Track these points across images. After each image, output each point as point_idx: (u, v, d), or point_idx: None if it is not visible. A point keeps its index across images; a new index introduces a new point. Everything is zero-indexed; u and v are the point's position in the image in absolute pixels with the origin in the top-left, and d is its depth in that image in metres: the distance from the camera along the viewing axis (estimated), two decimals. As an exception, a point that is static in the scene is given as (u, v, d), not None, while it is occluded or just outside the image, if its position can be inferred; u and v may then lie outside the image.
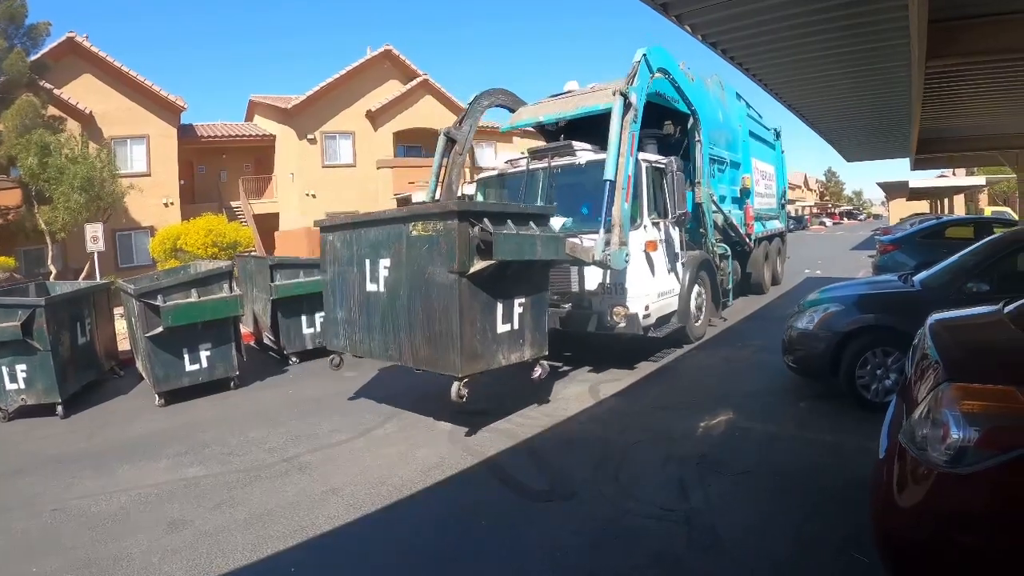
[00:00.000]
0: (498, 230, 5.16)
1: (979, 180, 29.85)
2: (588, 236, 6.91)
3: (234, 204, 25.99)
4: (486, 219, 5.17)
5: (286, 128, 25.98)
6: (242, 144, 27.14)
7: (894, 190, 37.26)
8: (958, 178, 33.68)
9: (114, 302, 9.24)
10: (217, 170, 27.26)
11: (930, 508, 2.36)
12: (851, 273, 14.99)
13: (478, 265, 5.15)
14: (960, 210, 35.44)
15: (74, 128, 19.68)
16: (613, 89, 7.20)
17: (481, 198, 8.96)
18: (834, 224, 69.77)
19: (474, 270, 5.14)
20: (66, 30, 21.11)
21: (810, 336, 5.95)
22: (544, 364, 6.13)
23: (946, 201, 36.96)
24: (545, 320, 6.17)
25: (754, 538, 3.61)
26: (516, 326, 5.72)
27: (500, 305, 5.52)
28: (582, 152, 8.07)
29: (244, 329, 9.44)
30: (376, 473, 4.85)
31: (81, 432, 6.52)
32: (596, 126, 8.03)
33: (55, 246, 18.27)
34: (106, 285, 9.21)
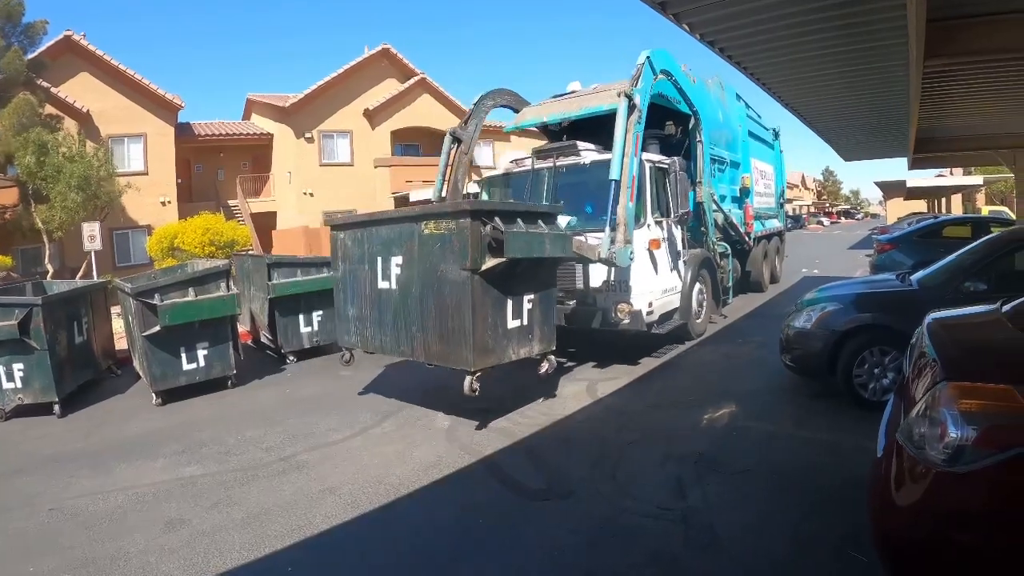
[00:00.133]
0: (509, 228, 5.27)
1: (976, 180, 29.92)
2: (593, 234, 6.98)
3: (231, 203, 25.96)
4: (497, 218, 5.28)
5: (283, 127, 25.94)
6: (239, 143, 27.09)
7: (891, 189, 37.33)
8: (955, 178, 33.75)
9: (111, 301, 9.23)
10: (214, 169, 27.21)
11: (928, 507, 2.36)
12: (848, 272, 15.01)
13: (490, 262, 5.26)
14: (957, 209, 35.52)
15: (71, 127, 19.62)
16: (618, 91, 7.27)
17: (486, 197, 9.04)
18: (831, 223, 69.89)
19: (486, 267, 5.25)
20: (63, 28, 21.11)
21: (808, 335, 5.95)
22: (551, 359, 6.25)
23: (943, 200, 37.05)
24: (553, 316, 6.30)
25: (752, 537, 3.61)
26: (525, 321, 5.84)
27: (510, 301, 5.64)
28: (586, 152, 8.16)
29: (241, 328, 9.44)
30: (374, 472, 4.85)
31: (78, 431, 6.50)
32: (599, 126, 8.13)
33: (52, 245, 18.22)
34: (103, 284, 9.19)
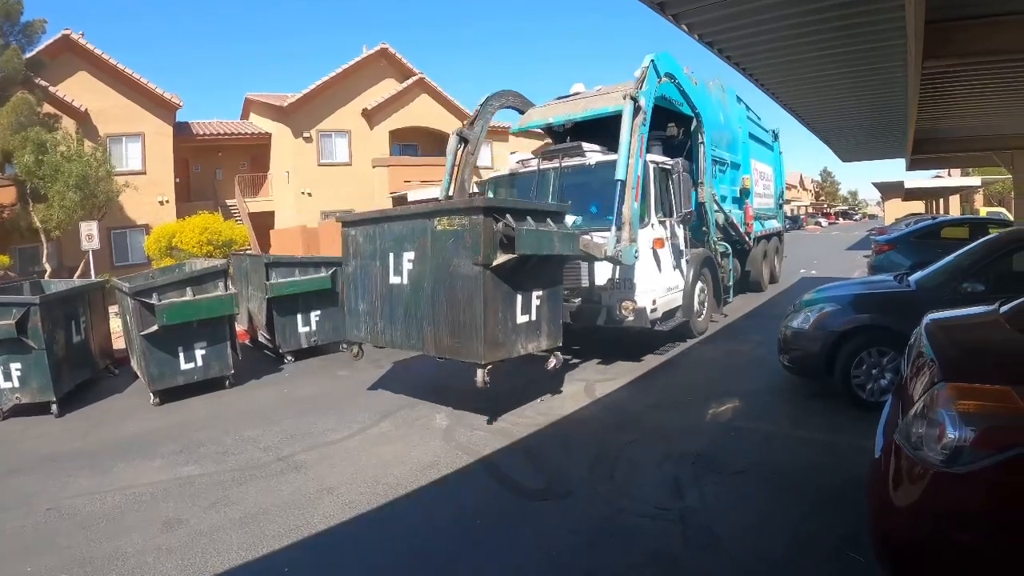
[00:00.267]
0: (520, 225, 5.41)
1: (974, 181, 29.98)
2: (598, 233, 7.10)
3: (229, 202, 25.90)
4: (508, 215, 5.44)
5: (282, 126, 25.91)
6: (238, 142, 27.03)
7: (890, 190, 37.40)
8: (953, 179, 33.84)
9: (109, 300, 9.22)
10: (213, 168, 27.15)
11: (927, 507, 2.36)
12: (847, 273, 15.02)
13: (501, 258, 5.39)
14: (955, 210, 35.57)
15: (69, 126, 19.56)
16: (622, 93, 7.42)
17: (492, 196, 9.16)
18: (829, 224, 69.90)
19: (497, 263, 5.38)
20: (62, 27, 21.07)
21: (806, 336, 5.95)
22: (558, 355, 6.37)
23: (941, 201, 37.12)
24: (560, 312, 6.45)
25: (751, 537, 3.60)
26: (534, 317, 5.99)
27: (520, 297, 5.79)
28: (591, 153, 8.32)
29: (239, 328, 9.43)
30: (371, 472, 4.84)
31: (76, 431, 6.49)
32: (603, 127, 8.33)
33: (50, 244, 18.17)
34: (101, 283, 9.18)
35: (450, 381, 7.34)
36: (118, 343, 9.32)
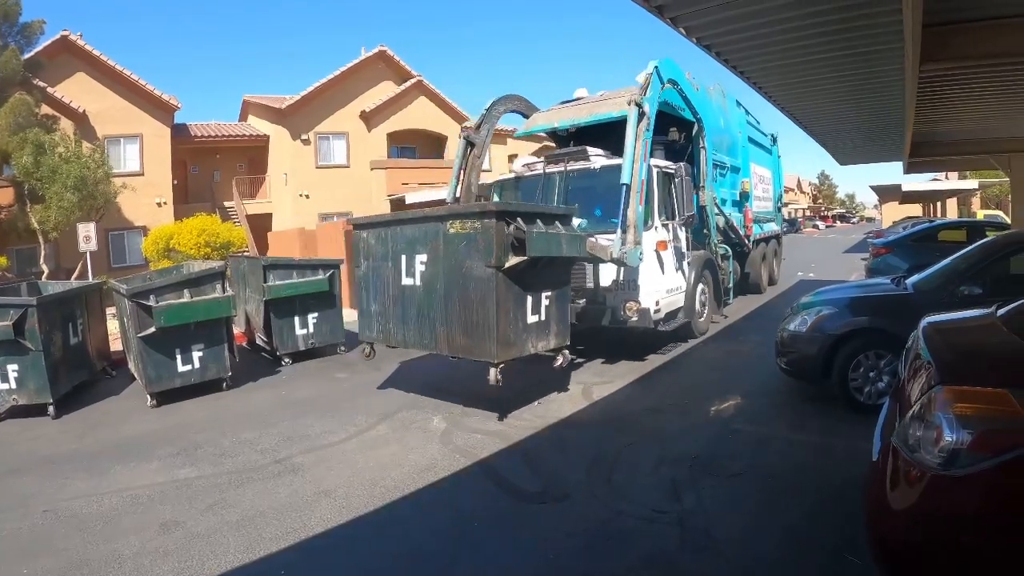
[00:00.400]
0: (530, 229, 5.55)
1: (971, 184, 30.06)
2: (603, 236, 7.20)
3: (227, 204, 25.89)
4: (519, 218, 5.57)
5: (280, 128, 25.91)
6: (236, 144, 27.03)
7: (887, 193, 37.50)
8: (951, 182, 33.92)
9: (106, 302, 9.20)
10: (210, 170, 27.14)
11: (924, 510, 2.36)
12: (844, 276, 15.07)
13: (512, 260, 5.52)
14: (953, 213, 35.63)
15: (67, 127, 19.57)
16: (626, 99, 7.55)
17: (497, 199, 9.34)
18: (827, 227, 70.05)
19: (509, 265, 5.52)
20: (60, 28, 21.06)
21: (803, 338, 5.96)
22: (566, 353, 6.51)
23: (939, 204, 37.17)
24: (567, 312, 6.57)
25: (748, 540, 3.61)
26: (543, 317, 6.13)
27: (530, 298, 5.92)
28: (596, 157, 8.47)
29: (237, 330, 9.40)
30: (369, 475, 4.83)
31: (73, 433, 6.47)
32: (605, 131, 8.55)
33: (47, 245, 18.14)
34: (98, 285, 9.17)
35: (448, 384, 7.34)
36: (115, 345, 9.31)
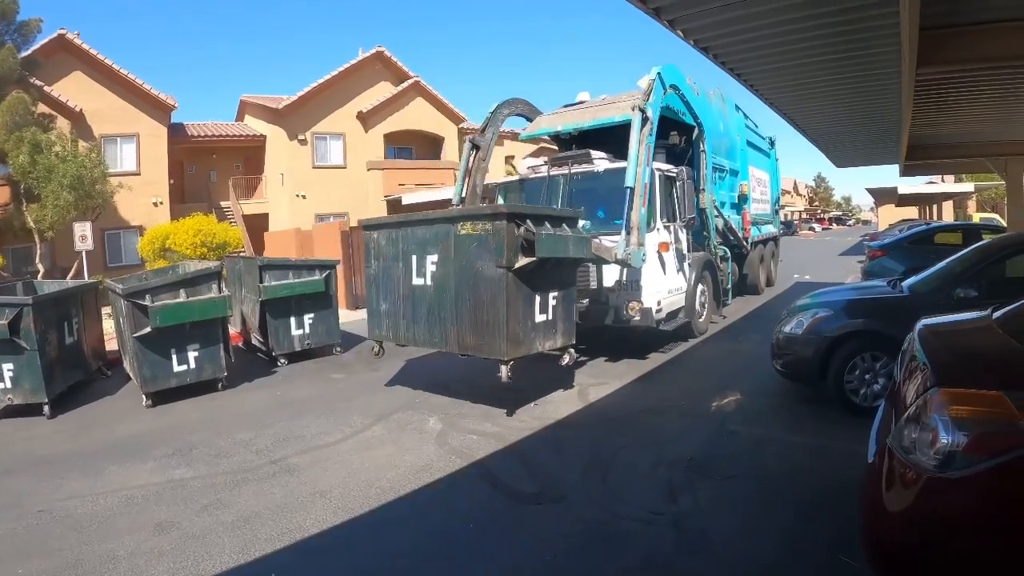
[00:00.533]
0: (539, 230, 5.71)
1: (967, 187, 30.15)
2: (607, 237, 7.35)
3: (224, 204, 25.81)
4: (529, 220, 5.73)
5: (277, 128, 25.84)
6: (232, 144, 26.94)
7: (883, 196, 37.59)
8: (946, 184, 33.99)
9: (102, 302, 9.17)
10: (207, 170, 27.03)
11: (919, 512, 2.37)
12: (840, 278, 15.07)
13: (522, 261, 5.66)
14: (949, 216, 35.72)
15: (64, 126, 19.46)
16: (629, 104, 7.74)
17: (501, 201, 9.57)
18: (823, 230, 70.14)
19: (519, 265, 5.65)
20: (57, 27, 20.97)
21: (799, 341, 5.96)
22: (572, 352, 6.62)
23: (934, 207, 37.29)
24: (573, 312, 6.71)
25: (744, 541, 3.61)
26: (550, 316, 6.26)
27: (538, 297, 6.06)
28: (599, 160, 8.65)
29: (232, 330, 9.40)
30: (364, 475, 4.83)
31: (68, 433, 6.45)
32: (607, 134, 8.72)
33: (43, 245, 18.07)
34: (94, 284, 9.13)
35: (445, 384, 7.34)
36: (111, 344, 9.29)
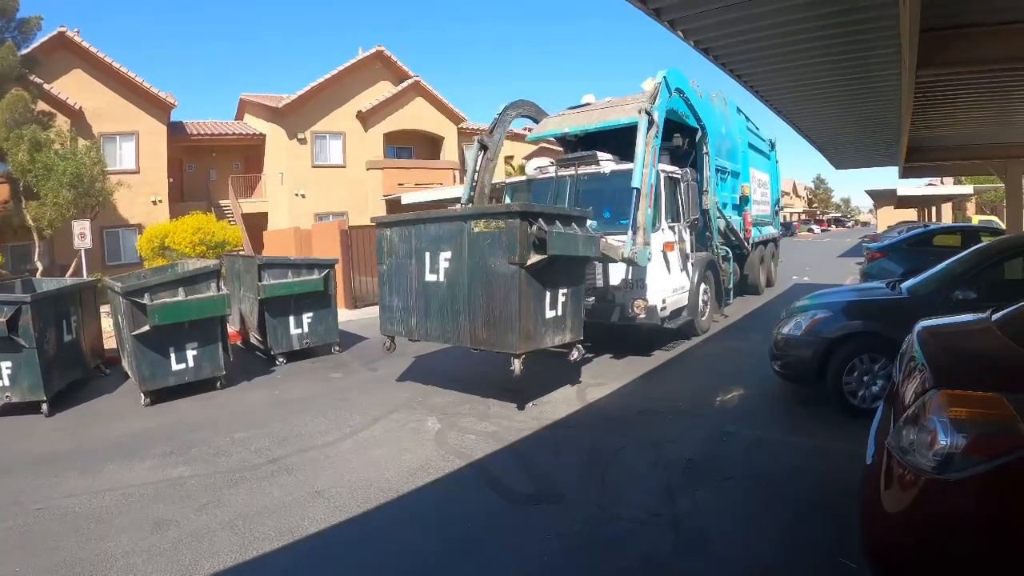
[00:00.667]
0: (551, 229, 5.87)
1: (966, 189, 30.18)
2: (613, 237, 7.53)
3: (223, 203, 25.81)
4: (540, 219, 5.88)
5: (276, 127, 25.83)
6: (232, 143, 26.95)
7: (882, 198, 37.62)
8: (946, 187, 34.03)
9: (100, 300, 9.16)
10: (206, 168, 27.04)
11: (918, 514, 2.37)
12: (839, 280, 15.09)
13: (534, 258, 5.82)
14: (948, 218, 35.76)
15: (63, 123, 19.45)
16: (637, 107, 7.87)
17: (509, 200, 9.71)
18: (822, 231, 70.18)
19: (531, 262, 5.81)
20: (57, 25, 20.97)
21: (797, 342, 5.97)
22: (580, 347, 6.79)
23: (934, 209, 37.33)
24: (581, 309, 6.87)
25: (742, 542, 3.61)
26: (560, 313, 6.42)
27: (548, 294, 6.22)
28: (605, 162, 8.81)
29: (231, 329, 9.39)
30: (362, 475, 4.82)
31: (66, 431, 6.44)
32: (612, 136, 8.92)
33: (42, 243, 18.06)
34: (93, 283, 9.13)
35: (443, 384, 7.34)
36: (109, 343, 9.28)
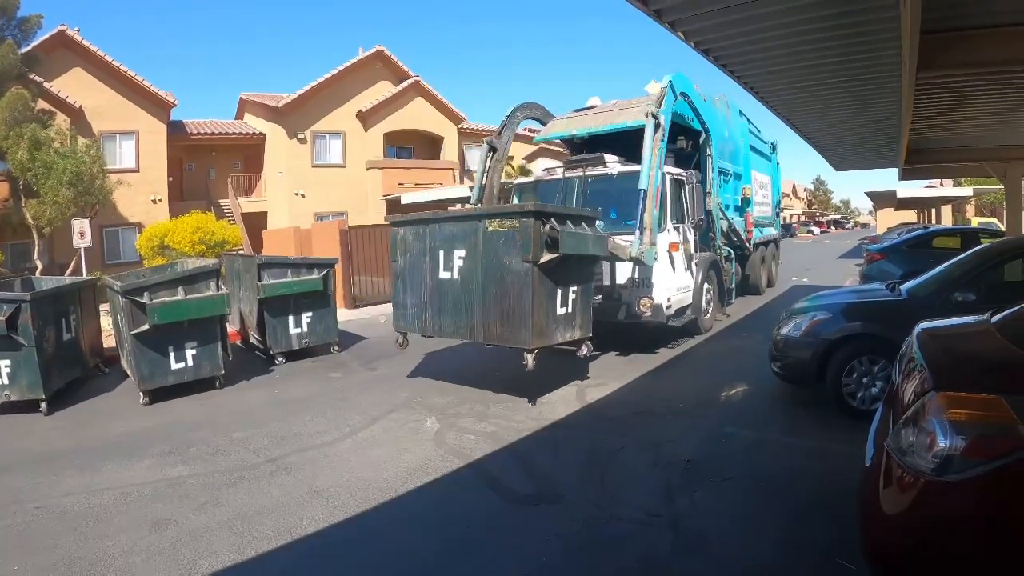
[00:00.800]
0: (563, 228, 6.05)
1: (966, 191, 30.13)
2: (620, 237, 7.72)
3: (223, 202, 25.80)
4: (553, 219, 6.06)
5: (276, 127, 25.84)
6: (232, 142, 26.95)
7: (882, 200, 37.55)
8: (945, 189, 33.97)
9: (100, 299, 9.16)
10: (206, 168, 27.04)
11: (917, 516, 2.37)
12: (838, 281, 15.15)
13: (546, 257, 6.01)
14: (947, 220, 35.75)
15: (63, 122, 19.45)
16: (644, 111, 8.15)
17: (517, 201, 9.84)
18: (822, 232, 70.18)
19: (543, 261, 6.00)
20: (58, 23, 20.96)
21: (797, 343, 5.97)
22: (589, 344, 6.98)
23: (933, 211, 37.30)
24: (590, 306, 7.02)
25: (741, 543, 3.61)
26: (570, 310, 6.60)
27: (559, 291, 6.39)
28: (612, 164, 8.96)
29: (230, 328, 9.38)
30: (361, 475, 4.82)
31: (65, 429, 6.44)
32: (617, 138, 9.11)
33: (42, 241, 18.06)
34: (92, 281, 9.13)
35: (442, 384, 7.34)
36: (108, 342, 9.27)
